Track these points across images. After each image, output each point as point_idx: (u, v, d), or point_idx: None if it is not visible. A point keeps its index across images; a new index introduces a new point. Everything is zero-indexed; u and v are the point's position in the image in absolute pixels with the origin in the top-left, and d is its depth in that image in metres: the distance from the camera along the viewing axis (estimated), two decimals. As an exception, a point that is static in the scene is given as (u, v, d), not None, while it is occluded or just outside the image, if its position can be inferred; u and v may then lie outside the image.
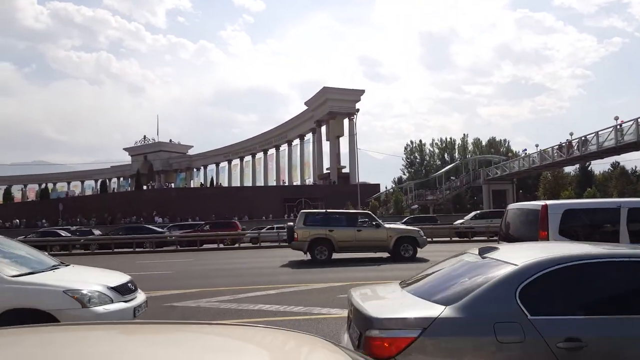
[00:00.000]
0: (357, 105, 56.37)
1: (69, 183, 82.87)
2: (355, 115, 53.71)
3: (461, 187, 53.26)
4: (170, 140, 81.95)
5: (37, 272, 5.68)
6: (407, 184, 59.03)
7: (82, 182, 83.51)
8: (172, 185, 68.13)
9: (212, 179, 72.46)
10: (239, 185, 69.87)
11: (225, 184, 70.18)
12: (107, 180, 78.63)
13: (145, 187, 63.79)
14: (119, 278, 5.99)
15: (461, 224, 30.17)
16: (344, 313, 4.59)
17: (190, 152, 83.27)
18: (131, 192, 62.19)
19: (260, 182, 68.73)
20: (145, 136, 79.43)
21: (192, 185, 68.93)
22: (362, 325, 3.03)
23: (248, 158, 73.56)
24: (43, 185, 77.00)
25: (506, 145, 78.22)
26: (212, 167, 77.85)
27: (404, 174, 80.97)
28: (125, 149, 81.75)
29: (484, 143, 78.63)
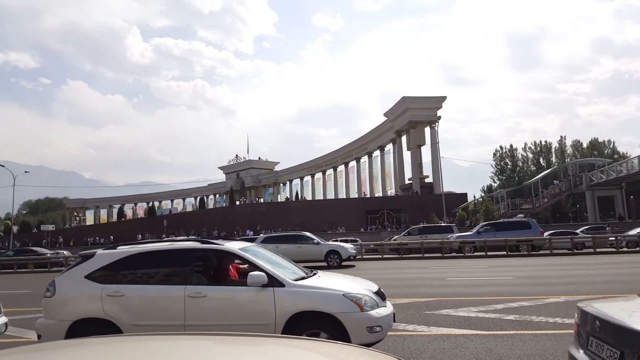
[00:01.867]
0: (439, 113, 54.88)
1: (172, 201, 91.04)
2: (436, 123, 52.35)
3: (561, 195, 49.12)
4: (259, 158, 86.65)
5: (307, 277, 5.77)
6: (497, 193, 55.86)
7: (184, 200, 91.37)
8: (262, 200, 71.88)
9: (297, 192, 75.06)
10: (322, 198, 71.50)
11: (309, 197, 72.27)
12: (205, 197, 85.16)
13: (238, 203, 68.15)
14: (373, 284, 6.00)
15: (394, 239, 29.34)
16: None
17: (277, 168, 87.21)
18: (226, 207, 66.86)
19: (342, 195, 69.56)
20: (237, 155, 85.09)
21: (279, 200, 71.99)
22: (630, 344, 2.77)
23: (330, 171, 74.92)
24: (150, 204, 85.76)
25: (611, 146, 70.68)
26: (296, 182, 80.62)
27: (494, 182, 76.56)
28: (220, 168, 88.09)
29: (585, 145, 71.82)
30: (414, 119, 54.63)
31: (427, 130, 55.66)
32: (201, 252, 5.93)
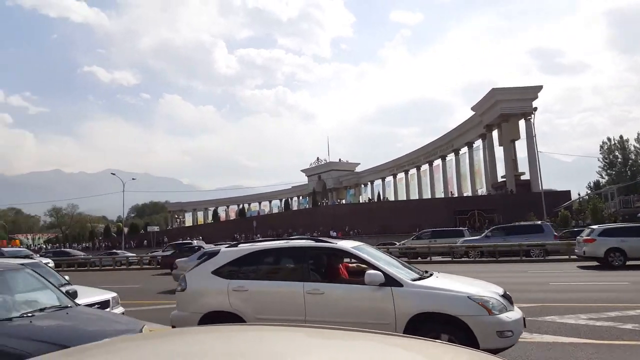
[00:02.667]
0: (534, 104, 50.63)
1: (259, 203, 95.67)
2: (532, 115, 48.21)
3: (686, 189, 42.42)
4: (340, 160, 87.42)
5: (424, 277, 5.58)
6: (607, 189, 49.89)
7: (270, 202, 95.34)
8: (343, 201, 72.24)
9: (378, 193, 74.17)
10: (405, 198, 69.85)
11: (392, 198, 70.98)
12: (289, 199, 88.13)
13: (320, 204, 69.27)
14: (497, 287, 5.68)
15: (402, 244, 28.73)
16: None
17: (358, 169, 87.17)
18: (309, 209, 68.37)
19: (427, 195, 67.30)
20: (318, 158, 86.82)
21: (360, 201, 71.77)
22: None
23: (413, 171, 72.97)
24: (240, 206, 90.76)
25: None
26: (378, 182, 79.79)
27: (602, 177, 68.75)
28: (302, 171, 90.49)
29: None
30: (505, 111, 51.10)
31: (522, 123, 51.86)
32: (316, 250, 6.04)
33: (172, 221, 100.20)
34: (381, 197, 70.11)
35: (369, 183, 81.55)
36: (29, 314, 4.29)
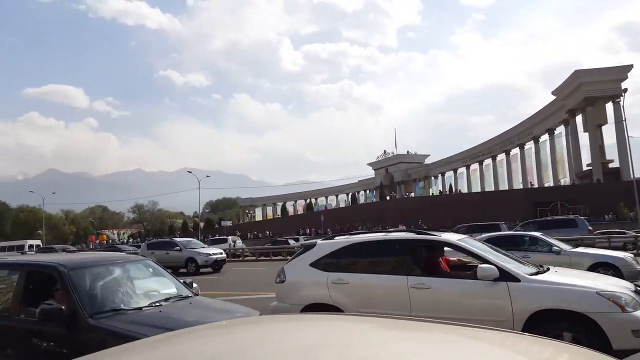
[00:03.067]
0: (623, 85, 45.99)
1: (326, 197, 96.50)
2: (621, 97, 43.88)
3: None
4: (408, 152, 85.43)
5: (541, 272, 5.27)
6: None
7: (337, 196, 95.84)
8: (412, 194, 70.64)
9: (450, 185, 71.60)
10: (479, 190, 66.76)
11: (465, 190, 68.21)
12: (356, 193, 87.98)
13: (388, 198, 68.39)
14: (626, 282, 5.36)
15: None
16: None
17: (427, 160, 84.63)
18: (376, 202, 67.75)
19: (503, 186, 63.80)
20: (385, 151, 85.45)
21: (430, 193, 69.77)
22: None
23: (488, 161, 69.46)
24: (308, 200, 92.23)
25: None
26: (449, 174, 76.92)
27: None
28: (369, 164, 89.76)
29: None
30: (590, 94, 47.03)
31: (609, 106, 47.53)
32: (418, 242, 5.90)
33: (243, 216, 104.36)
34: (453, 190, 67.65)
35: (440, 175, 78.90)
36: (157, 304, 4.48)
